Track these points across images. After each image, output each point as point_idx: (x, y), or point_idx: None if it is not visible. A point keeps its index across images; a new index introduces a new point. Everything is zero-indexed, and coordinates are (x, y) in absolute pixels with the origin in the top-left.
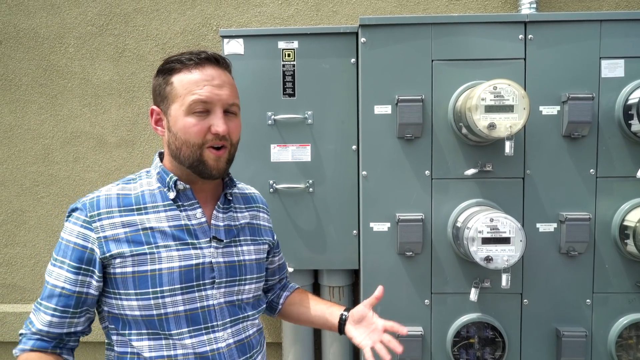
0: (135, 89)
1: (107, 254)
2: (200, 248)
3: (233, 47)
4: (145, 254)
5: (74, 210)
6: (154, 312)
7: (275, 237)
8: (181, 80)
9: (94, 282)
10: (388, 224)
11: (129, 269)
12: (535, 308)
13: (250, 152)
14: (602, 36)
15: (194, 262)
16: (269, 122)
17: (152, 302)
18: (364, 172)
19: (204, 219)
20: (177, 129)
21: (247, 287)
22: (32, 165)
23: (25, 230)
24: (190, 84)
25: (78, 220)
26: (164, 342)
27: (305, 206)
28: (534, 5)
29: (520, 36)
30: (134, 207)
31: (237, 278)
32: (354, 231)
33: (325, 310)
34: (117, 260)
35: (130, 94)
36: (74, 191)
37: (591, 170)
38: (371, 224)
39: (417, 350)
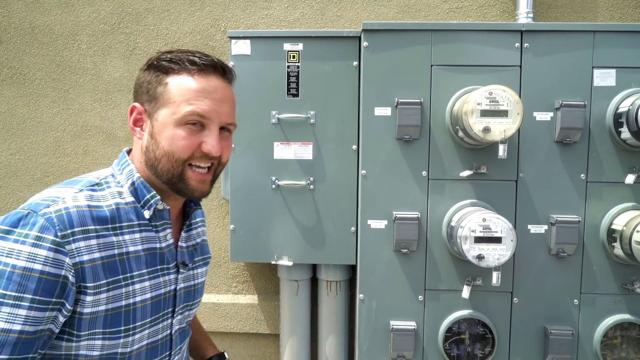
0: None
1: (82, 285)
2: (168, 274)
3: (240, 48)
4: (121, 286)
5: (24, 224)
6: (119, 350)
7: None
8: (179, 84)
9: (60, 318)
10: (385, 222)
11: (102, 307)
12: (525, 306)
13: (254, 149)
14: (595, 46)
15: (162, 291)
16: (273, 120)
17: (121, 340)
18: (363, 171)
19: (171, 241)
20: (162, 138)
21: (194, 309)
22: (43, 157)
23: None
24: (190, 91)
25: (43, 241)
26: None
27: (305, 203)
28: (531, 15)
29: (517, 44)
30: (109, 225)
31: (191, 302)
32: (352, 228)
33: (202, 339)
34: (90, 297)
35: None
36: None
37: (582, 175)
38: (369, 221)
39: (409, 344)
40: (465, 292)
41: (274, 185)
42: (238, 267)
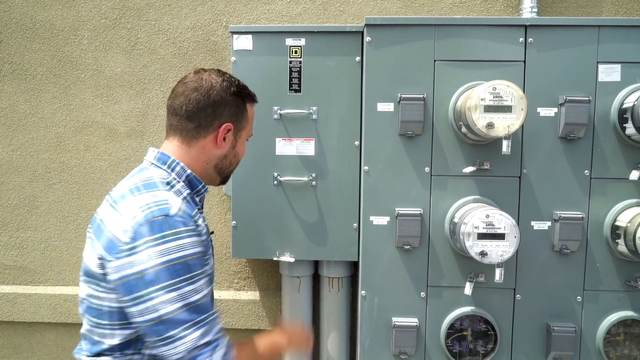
0: (146, 81)
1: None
2: (211, 243)
3: (242, 43)
4: (208, 255)
5: (168, 226)
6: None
7: None
8: (250, 112)
9: None
10: (387, 218)
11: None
12: (528, 303)
13: (256, 145)
14: (600, 41)
15: (213, 259)
16: (275, 116)
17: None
18: (366, 167)
19: None
20: (240, 150)
21: None
22: (44, 153)
23: (37, 215)
24: (252, 119)
25: (189, 232)
26: None
27: (307, 199)
28: (535, 10)
29: (521, 39)
30: (194, 212)
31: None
32: (354, 224)
33: None
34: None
35: (141, 86)
36: (85, 178)
37: (586, 171)
38: (371, 218)
39: (411, 340)
40: (468, 288)
41: (275, 182)
42: (240, 264)
